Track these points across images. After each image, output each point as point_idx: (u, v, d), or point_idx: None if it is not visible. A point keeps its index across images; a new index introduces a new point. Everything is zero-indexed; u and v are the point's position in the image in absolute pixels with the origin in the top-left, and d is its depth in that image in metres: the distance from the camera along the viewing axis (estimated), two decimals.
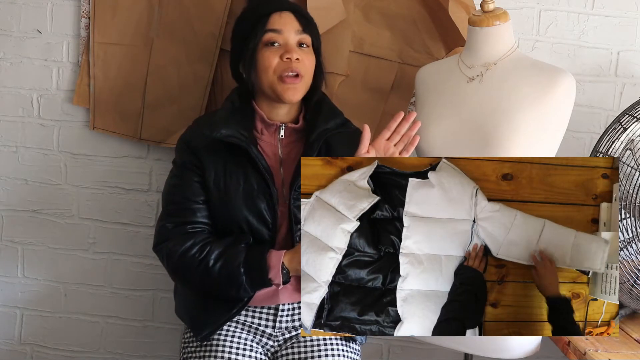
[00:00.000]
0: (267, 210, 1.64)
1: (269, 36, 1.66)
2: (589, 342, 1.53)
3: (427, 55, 2.02)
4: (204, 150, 1.67)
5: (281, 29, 1.66)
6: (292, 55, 1.64)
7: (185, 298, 1.75)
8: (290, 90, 1.65)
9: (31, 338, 2.25)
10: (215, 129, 1.65)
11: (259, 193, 1.63)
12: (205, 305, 1.68)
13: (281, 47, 1.66)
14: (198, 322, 1.68)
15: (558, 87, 1.61)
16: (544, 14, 2.06)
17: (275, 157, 1.70)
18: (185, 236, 1.63)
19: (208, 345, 1.67)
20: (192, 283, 1.66)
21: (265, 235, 1.64)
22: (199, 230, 1.65)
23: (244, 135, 1.64)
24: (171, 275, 1.71)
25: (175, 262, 1.63)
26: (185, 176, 1.68)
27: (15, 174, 2.17)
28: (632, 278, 1.57)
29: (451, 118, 1.68)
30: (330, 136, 1.69)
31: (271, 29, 1.66)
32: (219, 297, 1.64)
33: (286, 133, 1.71)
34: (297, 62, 1.64)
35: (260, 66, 1.66)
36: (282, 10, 1.68)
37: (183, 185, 1.67)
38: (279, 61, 1.64)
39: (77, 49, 2.10)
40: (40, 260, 2.21)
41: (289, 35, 1.66)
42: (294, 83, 1.65)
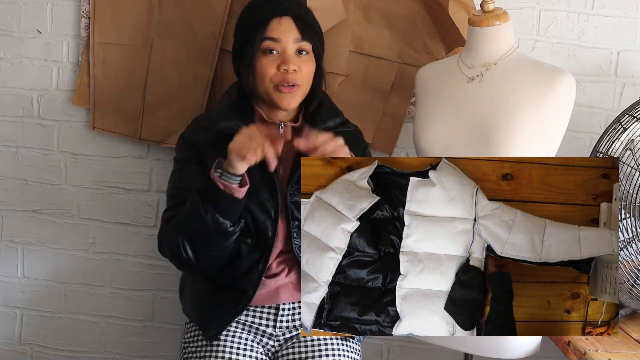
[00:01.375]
0: (270, 199, 1.63)
1: (267, 44, 1.64)
2: (589, 342, 1.53)
3: (427, 55, 2.02)
4: (204, 144, 1.67)
5: (279, 38, 1.64)
6: (289, 66, 1.62)
7: (193, 297, 1.75)
8: (286, 98, 1.64)
9: (31, 338, 2.25)
10: (213, 123, 1.66)
11: (261, 182, 1.63)
12: (211, 303, 1.68)
13: (279, 55, 1.64)
14: (205, 321, 1.68)
15: (558, 87, 1.61)
16: (544, 14, 2.06)
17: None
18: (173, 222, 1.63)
19: (208, 345, 1.67)
20: (189, 244, 1.60)
21: (268, 224, 1.64)
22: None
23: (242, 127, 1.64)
24: (177, 265, 1.67)
25: (168, 249, 1.62)
26: (187, 170, 1.68)
27: (15, 174, 2.17)
28: (632, 278, 1.56)
29: (451, 118, 1.68)
30: None
31: (269, 37, 1.63)
32: (213, 251, 1.59)
33: (285, 132, 1.71)
34: (293, 73, 1.63)
35: (258, 73, 1.65)
36: (282, 16, 1.65)
37: (185, 179, 1.67)
38: (275, 71, 1.63)
39: (77, 49, 2.10)
40: (40, 260, 2.21)
41: (287, 44, 1.64)
42: (290, 92, 1.64)
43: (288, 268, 1.69)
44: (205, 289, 1.71)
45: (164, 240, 1.64)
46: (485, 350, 1.70)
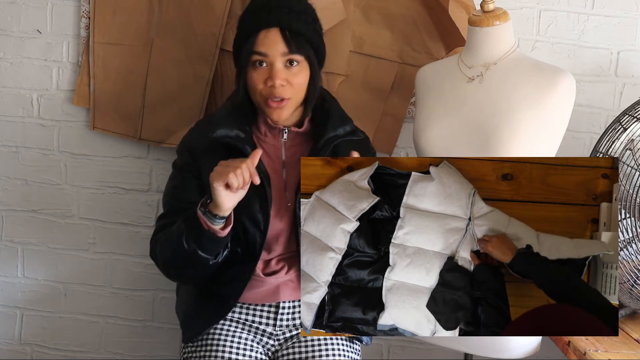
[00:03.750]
0: (260, 211, 1.62)
1: (255, 58, 1.61)
2: (589, 342, 1.53)
3: (427, 55, 2.02)
4: (202, 151, 1.66)
5: (265, 52, 1.60)
6: (276, 82, 1.59)
7: (182, 298, 1.77)
8: (275, 112, 1.62)
9: (31, 338, 2.25)
10: (212, 129, 1.64)
11: (254, 194, 1.62)
12: (195, 306, 1.69)
13: (267, 68, 1.61)
14: (187, 323, 1.70)
15: (558, 87, 1.61)
16: (544, 14, 2.06)
17: (278, 160, 1.69)
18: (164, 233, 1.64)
19: (208, 345, 1.67)
20: (169, 263, 1.63)
21: (257, 236, 1.63)
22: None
23: (240, 136, 1.64)
24: (163, 272, 1.69)
25: (155, 259, 1.65)
26: (182, 178, 1.68)
27: (15, 174, 2.18)
28: (632, 278, 1.57)
29: (451, 118, 1.68)
30: (337, 143, 1.67)
31: (256, 51, 1.60)
32: (194, 274, 1.62)
33: (290, 136, 1.70)
34: (281, 88, 1.60)
35: (249, 86, 1.64)
36: (270, 27, 1.60)
37: (180, 187, 1.68)
38: (263, 85, 1.61)
39: (77, 49, 2.10)
40: (40, 260, 2.21)
41: (275, 59, 1.60)
42: (279, 107, 1.62)
43: (288, 266, 1.68)
44: (191, 292, 1.73)
45: (153, 249, 1.66)
46: (485, 350, 1.70)
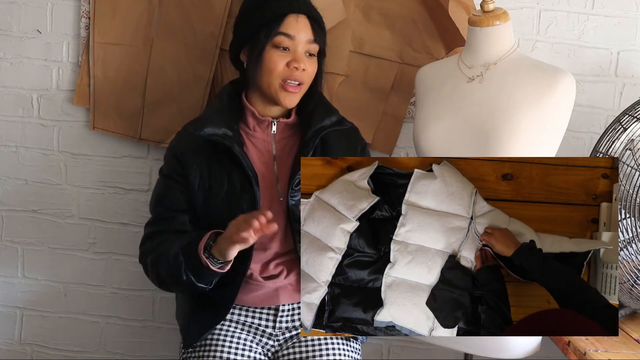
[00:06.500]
0: (249, 210, 1.59)
1: (280, 39, 1.62)
2: (589, 342, 1.53)
3: (427, 55, 2.02)
4: (189, 154, 1.67)
5: (294, 35, 1.63)
6: (300, 65, 1.62)
7: (180, 305, 1.78)
8: (289, 97, 1.64)
9: (31, 338, 2.25)
10: (199, 128, 1.64)
11: (242, 193, 1.62)
12: (192, 312, 1.70)
13: (289, 53, 1.63)
14: (186, 328, 1.70)
15: (558, 87, 1.61)
16: (544, 14, 2.06)
17: (269, 154, 1.69)
18: (152, 243, 1.66)
19: (207, 346, 1.67)
20: (162, 280, 1.64)
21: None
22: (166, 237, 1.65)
23: (228, 134, 1.64)
24: (154, 283, 1.70)
25: (145, 267, 1.68)
26: (167, 185, 1.69)
27: (15, 174, 2.18)
28: (632, 278, 1.56)
29: (451, 118, 1.68)
30: (326, 134, 1.69)
31: (284, 33, 1.62)
32: (182, 289, 1.66)
33: (279, 128, 1.71)
34: (302, 72, 1.63)
35: (265, 67, 1.64)
36: (300, 14, 1.64)
37: (163, 194, 1.69)
38: (284, 67, 1.63)
39: (77, 49, 2.10)
40: (40, 260, 2.21)
41: (300, 43, 1.63)
42: (294, 91, 1.64)
43: (287, 270, 1.68)
44: (188, 299, 1.73)
45: (143, 257, 1.68)
46: (485, 350, 1.70)
